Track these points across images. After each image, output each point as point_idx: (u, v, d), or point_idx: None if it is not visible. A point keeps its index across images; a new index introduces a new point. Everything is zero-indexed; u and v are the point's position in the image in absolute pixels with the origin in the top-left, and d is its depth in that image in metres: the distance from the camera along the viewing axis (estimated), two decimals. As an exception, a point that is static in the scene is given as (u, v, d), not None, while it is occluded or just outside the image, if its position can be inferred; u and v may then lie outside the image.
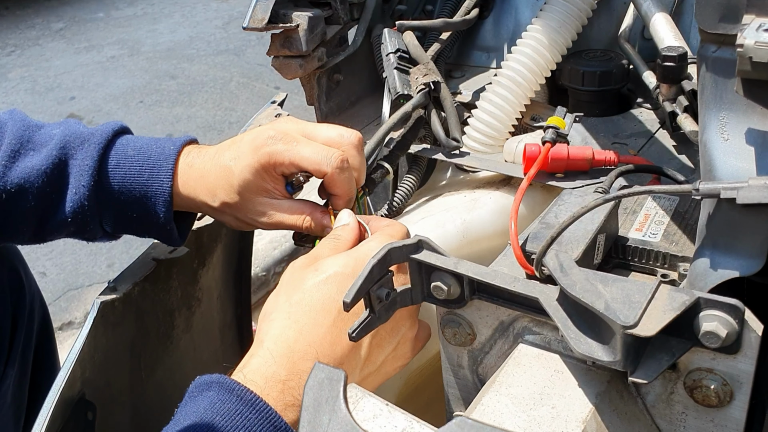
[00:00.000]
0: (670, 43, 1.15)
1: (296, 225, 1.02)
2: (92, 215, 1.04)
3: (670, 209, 0.96)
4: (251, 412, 0.76)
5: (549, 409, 0.74)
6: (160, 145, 1.05)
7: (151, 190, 1.03)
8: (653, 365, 0.70)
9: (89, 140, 1.04)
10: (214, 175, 1.02)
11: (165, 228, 1.06)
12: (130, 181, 1.03)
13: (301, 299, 0.86)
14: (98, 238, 1.10)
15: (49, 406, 1.00)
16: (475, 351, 0.87)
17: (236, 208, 1.02)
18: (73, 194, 1.03)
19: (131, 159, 1.04)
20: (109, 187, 1.04)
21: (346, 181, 0.98)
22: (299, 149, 0.97)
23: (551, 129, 1.06)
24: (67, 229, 1.07)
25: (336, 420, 0.52)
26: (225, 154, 1.02)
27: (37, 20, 5.85)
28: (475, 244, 1.19)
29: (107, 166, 1.04)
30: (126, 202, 1.04)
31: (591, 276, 0.72)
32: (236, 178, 1.00)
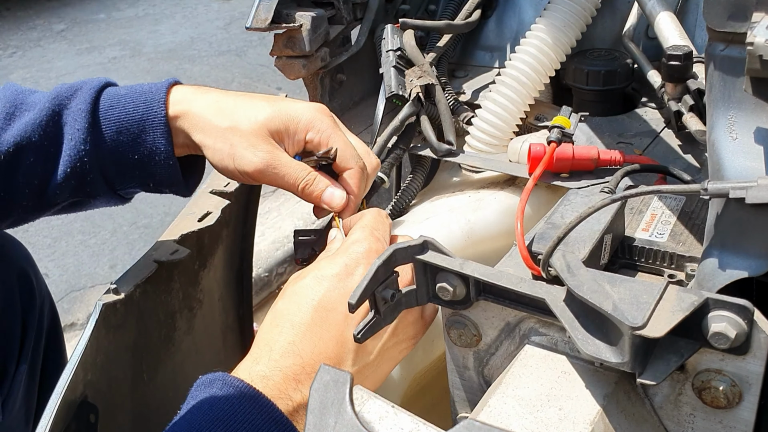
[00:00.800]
0: (675, 42, 1.15)
1: (293, 186, 1.00)
2: (91, 164, 1.02)
3: (677, 209, 0.95)
4: (252, 407, 0.76)
5: (556, 411, 0.73)
6: (151, 84, 1.04)
7: (148, 121, 1.01)
8: (662, 366, 0.69)
9: (81, 88, 1.03)
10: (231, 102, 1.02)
11: (168, 170, 1.04)
12: (125, 118, 1.02)
13: (282, 306, 0.88)
14: (101, 194, 1.07)
15: (52, 409, 0.99)
16: (481, 352, 0.86)
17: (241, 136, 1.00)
18: (69, 141, 1.01)
19: (124, 98, 1.03)
20: (106, 129, 1.02)
21: (362, 183, 1.00)
22: (339, 133, 0.99)
23: (556, 128, 1.06)
24: (69, 185, 1.04)
25: (342, 422, 0.51)
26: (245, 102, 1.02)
27: (38, 21, 5.85)
28: (479, 244, 1.18)
29: (100, 108, 1.02)
30: (124, 142, 1.02)
31: (598, 276, 0.71)
32: (264, 112, 0.99)
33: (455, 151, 1.26)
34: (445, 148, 1.24)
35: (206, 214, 1.30)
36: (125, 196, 1.11)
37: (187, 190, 1.10)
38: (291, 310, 0.86)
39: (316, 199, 1.01)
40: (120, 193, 1.09)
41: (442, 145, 1.24)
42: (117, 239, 3.15)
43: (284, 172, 0.99)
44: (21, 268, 1.28)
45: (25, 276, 1.29)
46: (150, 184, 1.08)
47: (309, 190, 1.00)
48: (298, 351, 0.83)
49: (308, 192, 1.00)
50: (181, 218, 1.29)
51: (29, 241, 3.18)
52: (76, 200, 1.08)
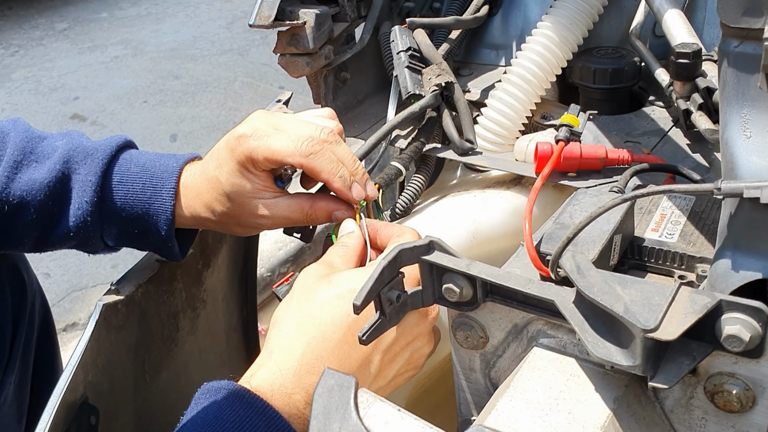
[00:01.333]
0: (684, 39, 1.13)
1: (299, 220, 1.01)
2: (94, 230, 1.04)
3: (687, 209, 0.93)
4: (260, 420, 0.75)
5: (566, 415, 0.71)
6: (163, 163, 1.04)
7: (153, 208, 1.03)
8: (674, 370, 0.67)
9: (93, 155, 1.03)
10: (206, 189, 1.01)
11: (166, 245, 1.06)
12: (132, 198, 1.03)
13: (312, 311, 0.84)
14: (99, 250, 1.10)
15: (51, 410, 0.98)
16: (488, 354, 0.85)
17: (236, 216, 1.01)
18: (75, 209, 1.02)
19: (134, 176, 1.03)
20: (111, 203, 1.03)
21: (324, 165, 0.95)
22: (270, 142, 0.95)
23: (565, 127, 1.04)
24: (68, 242, 1.06)
25: (346, 428, 0.50)
26: (210, 165, 1.01)
27: (40, 20, 5.84)
28: (485, 244, 1.17)
29: (110, 182, 1.03)
30: (128, 218, 1.04)
31: (609, 278, 0.70)
32: (224, 186, 0.99)
33: (476, 150, 1.24)
34: (467, 146, 1.22)
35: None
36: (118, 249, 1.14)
37: (182, 256, 1.11)
38: (324, 320, 0.83)
39: (327, 219, 1.02)
40: (118, 248, 1.13)
41: (465, 143, 1.22)
42: (119, 239, 3.14)
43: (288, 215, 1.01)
44: (12, 263, 1.27)
45: (16, 272, 1.28)
46: (144, 249, 1.12)
47: (314, 216, 1.01)
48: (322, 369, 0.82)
49: (315, 219, 1.02)
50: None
51: (31, 240, 3.17)
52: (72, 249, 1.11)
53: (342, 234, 0.97)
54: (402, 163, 1.21)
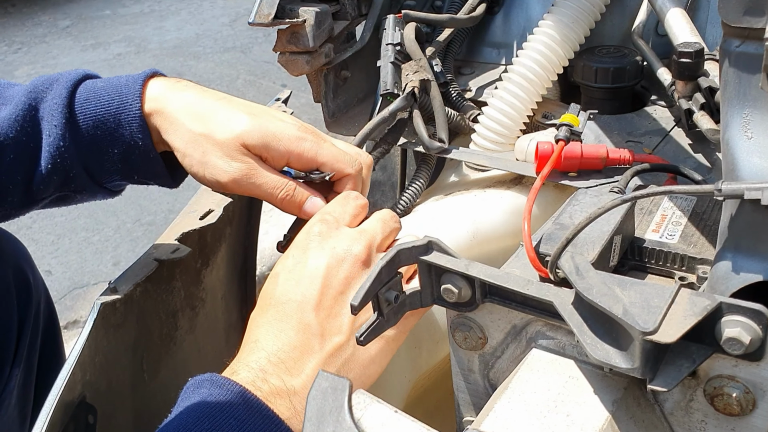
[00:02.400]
0: (686, 38, 1.12)
1: (270, 194, 0.98)
2: (72, 159, 1.01)
3: (688, 210, 0.93)
4: (241, 404, 0.76)
5: (564, 417, 0.71)
6: (128, 76, 1.02)
7: (123, 114, 0.99)
8: (673, 372, 0.67)
9: (57, 81, 1.01)
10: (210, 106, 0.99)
11: (149, 157, 1.02)
12: (101, 112, 1.00)
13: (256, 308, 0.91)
14: (86, 189, 1.06)
15: (49, 409, 0.98)
16: (487, 355, 0.84)
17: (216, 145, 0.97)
18: (47, 137, 0.99)
19: (99, 91, 1.01)
20: (82, 123, 1.00)
21: (359, 186, 1.00)
22: (325, 147, 0.98)
23: (565, 127, 1.03)
24: (52, 181, 1.02)
25: (340, 431, 0.49)
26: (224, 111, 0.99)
27: (43, 18, 5.84)
28: (485, 244, 1.16)
29: (76, 102, 1.00)
30: (102, 136, 1.01)
31: (608, 279, 0.69)
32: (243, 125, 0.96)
33: (448, 148, 1.24)
34: (437, 146, 1.22)
35: (208, 212, 1.29)
36: (113, 189, 1.09)
37: (174, 182, 1.07)
38: (255, 312, 0.89)
39: (297, 209, 0.99)
40: (107, 187, 1.07)
41: (434, 142, 1.21)
42: (120, 236, 3.14)
43: (261, 181, 0.97)
44: (17, 264, 1.27)
45: (21, 272, 1.27)
46: (134, 177, 1.06)
47: (289, 200, 0.98)
48: (262, 346, 0.84)
49: (289, 202, 0.98)
50: (182, 216, 1.28)
51: (32, 237, 3.18)
52: (63, 194, 1.07)
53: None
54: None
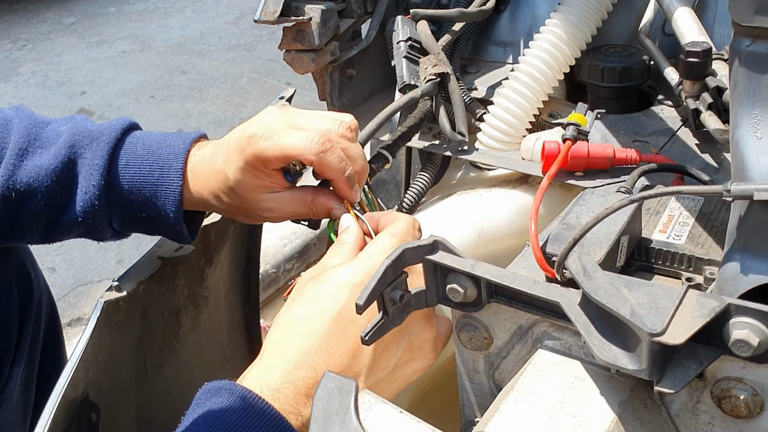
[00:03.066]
0: (694, 38, 1.11)
1: (302, 213, 1.01)
2: (102, 215, 1.03)
3: (695, 210, 0.92)
4: (261, 421, 0.74)
5: (570, 418, 0.70)
6: (170, 143, 1.03)
7: (161, 190, 1.02)
8: (680, 374, 0.66)
9: (98, 138, 1.02)
10: (212, 178, 1.01)
11: (175, 228, 1.05)
12: (140, 180, 1.02)
13: (297, 310, 0.84)
14: (107, 237, 1.09)
15: (52, 408, 0.98)
16: (492, 356, 0.83)
17: (242, 207, 1.01)
18: (83, 194, 1.01)
19: (141, 158, 1.02)
20: (119, 186, 1.02)
21: (334, 163, 0.95)
22: (281, 141, 0.94)
23: (572, 126, 1.03)
24: (77, 229, 1.05)
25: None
26: (218, 157, 1.00)
27: (48, 15, 5.84)
28: (490, 244, 1.15)
29: (117, 165, 1.02)
30: (136, 201, 1.03)
31: (615, 280, 0.69)
32: (232, 182, 0.98)
33: (467, 144, 1.23)
34: (459, 138, 1.20)
35: (213, 210, 1.28)
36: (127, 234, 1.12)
37: (191, 238, 1.10)
38: (309, 317, 0.83)
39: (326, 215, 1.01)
40: (125, 235, 1.11)
41: (456, 135, 1.20)
42: (124, 234, 3.14)
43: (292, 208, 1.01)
44: (20, 261, 1.26)
45: (23, 270, 1.27)
46: (154, 234, 1.09)
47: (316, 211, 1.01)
48: (313, 363, 0.79)
49: (319, 214, 1.01)
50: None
51: (36, 234, 3.17)
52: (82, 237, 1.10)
53: (340, 231, 0.96)
54: (389, 150, 1.18)
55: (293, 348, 0.80)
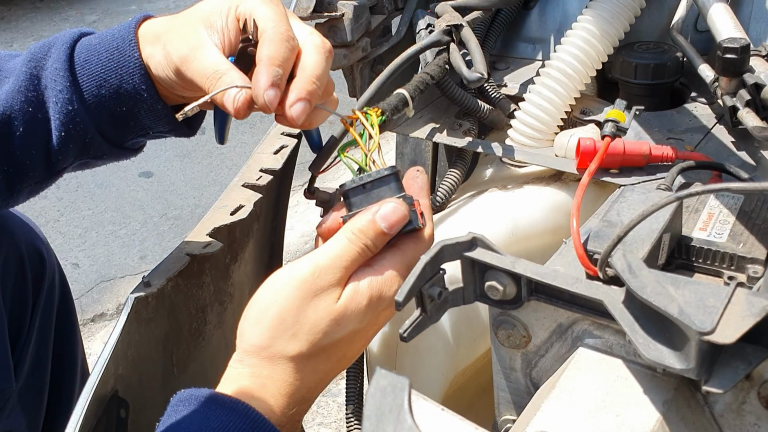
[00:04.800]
0: (730, 34, 1.10)
1: (201, 84, 0.88)
2: (85, 124, 0.97)
3: (735, 208, 0.91)
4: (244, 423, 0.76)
5: (613, 417, 0.69)
6: (121, 26, 0.97)
7: (123, 67, 0.95)
8: (728, 374, 0.65)
9: (54, 44, 0.97)
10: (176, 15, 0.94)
11: (157, 110, 0.97)
12: (101, 70, 0.95)
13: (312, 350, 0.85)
14: (107, 153, 1.03)
15: (84, 403, 0.98)
16: (530, 354, 0.82)
17: (173, 32, 0.91)
18: (55, 104, 0.96)
19: (97, 47, 0.96)
20: (86, 85, 0.96)
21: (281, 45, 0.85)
22: (265, 5, 0.88)
23: (611, 122, 1.01)
24: (70, 150, 0.99)
25: (401, 431, 0.48)
26: None
27: (70, 12, 5.87)
28: (524, 241, 1.14)
29: (76, 64, 0.96)
30: (109, 96, 0.96)
31: (661, 278, 0.68)
32: (195, 8, 0.91)
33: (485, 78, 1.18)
34: (476, 76, 1.15)
35: (238, 207, 1.29)
36: (133, 147, 1.06)
37: (190, 130, 1.04)
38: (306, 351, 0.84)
39: (219, 100, 0.88)
40: (126, 146, 1.04)
41: (473, 73, 1.15)
42: (147, 230, 3.15)
43: (195, 66, 0.88)
44: (30, 240, 1.27)
45: (34, 248, 1.28)
46: (149, 132, 1.02)
47: (213, 90, 0.87)
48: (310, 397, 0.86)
49: (218, 96, 0.88)
50: (213, 211, 1.28)
51: (60, 230, 3.19)
52: (84, 161, 1.04)
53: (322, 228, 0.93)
54: (408, 90, 1.13)
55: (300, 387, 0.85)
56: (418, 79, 1.17)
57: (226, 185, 1.34)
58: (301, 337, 0.83)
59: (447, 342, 1.10)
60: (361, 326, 0.86)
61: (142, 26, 0.96)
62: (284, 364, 0.83)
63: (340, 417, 2.26)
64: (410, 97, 1.11)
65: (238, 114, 0.87)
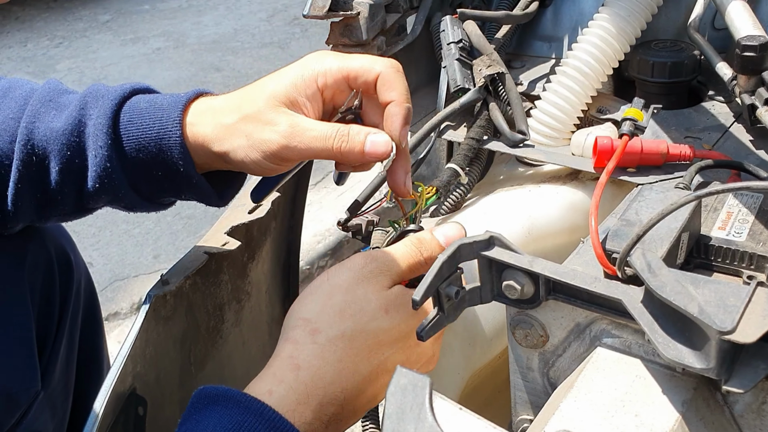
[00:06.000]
0: (749, 32, 1.09)
1: (325, 148, 0.86)
2: (119, 180, 0.97)
3: (754, 207, 0.90)
4: (259, 423, 0.73)
5: (632, 417, 0.69)
6: (173, 95, 0.97)
7: (164, 140, 0.95)
8: (749, 374, 0.65)
9: (105, 97, 0.97)
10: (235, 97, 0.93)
11: (192, 182, 0.98)
12: (144, 135, 0.95)
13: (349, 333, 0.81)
14: (137, 205, 1.03)
15: (103, 401, 0.98)
16: (547, 353, 0.82)
17: (252, 121, 0.89)
18: (94, 157, 0.96)
19: (143, 112, 0.96)
20: (126, 145, 0.96)
21: (401, 81, 0.86)
22: (349, 58, 0.88)
23: (629, 121, 1.01)
24: (101, 198, 1.00)
25: (422, 430, 0.48)
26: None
27: (84, 12, 5.89)
28: (540, 241, 1.14)
29: (120, 123, 0.96)
30: (146, 160, 0.97)
31: (681, 277, 0.67)
32: (264, 88, 0.90)
33: (528, 141, 1.21)
34: (519, 137, 1.19)
35: (256, 206, 1.29)
36: (164, 203, 1.06)
37: (221, 201, 1.04)
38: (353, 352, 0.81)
39: (360, 154, 0.86)
40: (158, 202, 1.05)
41: (516, 135, 1.19)
42: (161, 229, 3.15)
43: (310, 136, 0.86)
44: (58, 244, 1.28)
45: (62, 251, 1.29)
46: (181, 195, 1.03)
47: (347, 147, 0.86)
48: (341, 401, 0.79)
49: (348, 150, 0.86)
50: (231, 210, 1.28)
51: (74, 229, 3.19)
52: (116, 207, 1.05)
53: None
54: (457, 163, 1.18)
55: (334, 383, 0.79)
56: (465, 148, 1.21)
57: (240, 185, 1.34)
58: (346, 316, 0.81)
59: (463, 342, 1.10)
60: (407, 330, 0.83)
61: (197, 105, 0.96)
62: (325, 342, 0.80)
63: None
64: (461, 168, 1.17)
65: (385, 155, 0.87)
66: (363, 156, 0.87)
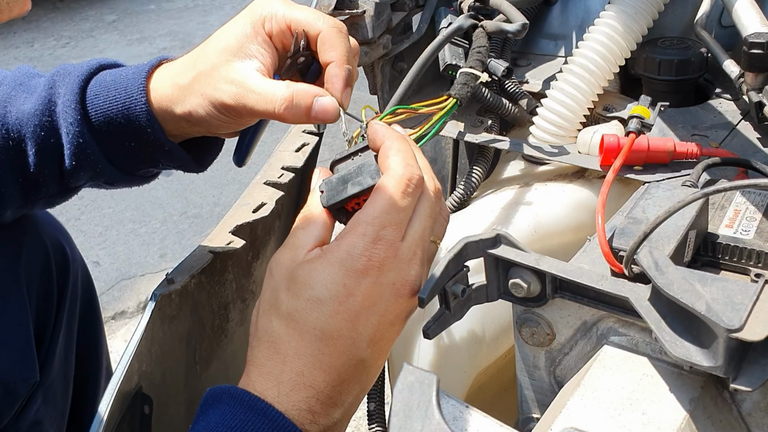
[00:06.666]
0: (757, 29, 1.09)
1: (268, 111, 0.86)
2: (95, 155, 0.98)
3: (762, 205, 0.90)
4: (263, 423, 0.72)
5: (639, 415, 0.69)
6: (137, 66, 0.98)
7: (131, 110, 0.95)
8: (757, 372, 0.64)
9: (71, 74, 0.98)
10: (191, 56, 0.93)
11: (164, 149, 0.98)
12: (111, 107, 0.96)
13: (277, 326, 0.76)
14: (119, 179, 1.03)
15: (109, 400, 0.98)
16: (554, 352, 0.82)
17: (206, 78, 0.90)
18: (67, 135, 0.97)
19: (109, 85, 0.97)
20: (95, 119, 0.97)
21: (341, 41, 0.86)
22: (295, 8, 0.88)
23: (636, 119, 1.01)
24: (81, 175, 1.01)
25: (429, 427, 0.47)
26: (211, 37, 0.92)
27: (90, 12, 5.91)
28: (547, 239, 1.13)
29: (87, 98, 0.97)
30: (117, 131, 0.97)
31: (688, 275, 0.67)
32: (218, 42, 0.89)
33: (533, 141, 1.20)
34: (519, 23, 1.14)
35: (261, 205, 1.29)
36: (145, 176, 1.07)
37: (199, 167, 1.04)
38: (292, 337, 0.74)
39: (306, 117, 0.85)
40: (138, 175, 1.05)
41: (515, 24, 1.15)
42: (167, 228, 3.16)
43: (255, 99, 0.86)
44: (54, 237, 1.29)
45: (58, 245, 1.30)
46: (159, 164, 1.03)
47: (293, 111, 0.85)
48: (310, 383, 0.73)
49: (294, 114, 0.85)
50: (235, 209, 1.28)
51: (81, 229, 3.21)
52: (97, 183, 1.06)
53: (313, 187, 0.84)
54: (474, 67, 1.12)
55: (285, 370, 0.74)
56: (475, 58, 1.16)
57: (245, 184, 1.34)
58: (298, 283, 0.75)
59: (469, 340, 1.09)
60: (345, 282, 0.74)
61: (159, 72, 0.97)
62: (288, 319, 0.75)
63: (360, 416, 2.26)
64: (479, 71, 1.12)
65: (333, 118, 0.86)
66: (309, 119, 0.86)
